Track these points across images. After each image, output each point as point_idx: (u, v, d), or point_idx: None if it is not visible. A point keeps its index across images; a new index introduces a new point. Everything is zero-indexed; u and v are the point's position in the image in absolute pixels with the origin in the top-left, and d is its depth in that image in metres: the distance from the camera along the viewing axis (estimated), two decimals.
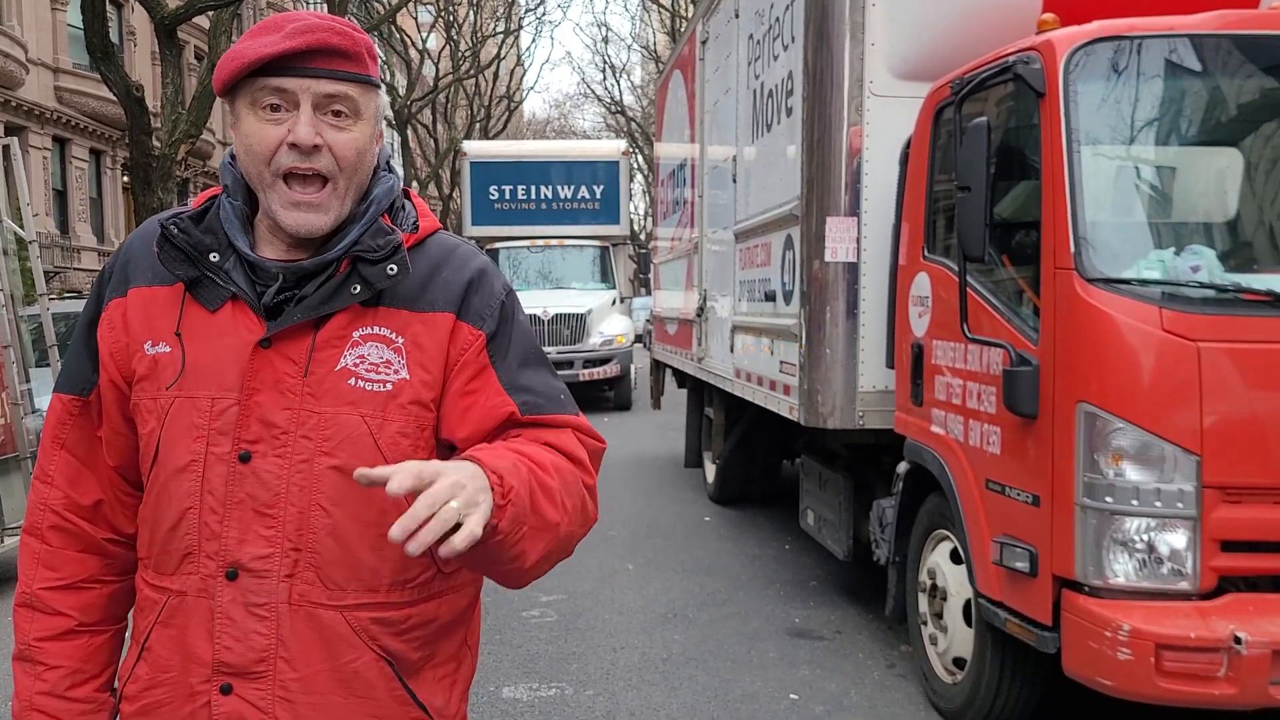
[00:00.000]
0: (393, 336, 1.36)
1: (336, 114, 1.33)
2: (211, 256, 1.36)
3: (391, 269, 1.35)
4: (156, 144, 13.05)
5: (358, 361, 1.35)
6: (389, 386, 1.35)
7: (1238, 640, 2.84)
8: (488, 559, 1.26)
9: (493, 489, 1.20)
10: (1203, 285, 3.11)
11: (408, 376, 1.36)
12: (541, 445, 1.37)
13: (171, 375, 1.35)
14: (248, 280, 1.36)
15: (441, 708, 1.43)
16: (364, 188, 1.39)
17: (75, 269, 21.96)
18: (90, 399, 1.43)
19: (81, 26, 12.30)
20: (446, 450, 1.40)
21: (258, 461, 1.32)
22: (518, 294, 1.50)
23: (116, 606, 1.48)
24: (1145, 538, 3.03)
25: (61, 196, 23.33)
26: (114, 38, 16.46)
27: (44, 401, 6.71)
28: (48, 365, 6.83)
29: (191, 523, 1.34)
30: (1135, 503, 3.03)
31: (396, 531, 1.10)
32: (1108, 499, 3.05)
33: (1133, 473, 3.04)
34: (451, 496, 1.12)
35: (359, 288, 1.35)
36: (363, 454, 1.33)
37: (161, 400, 1.35)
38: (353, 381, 1.34)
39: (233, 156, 1.41)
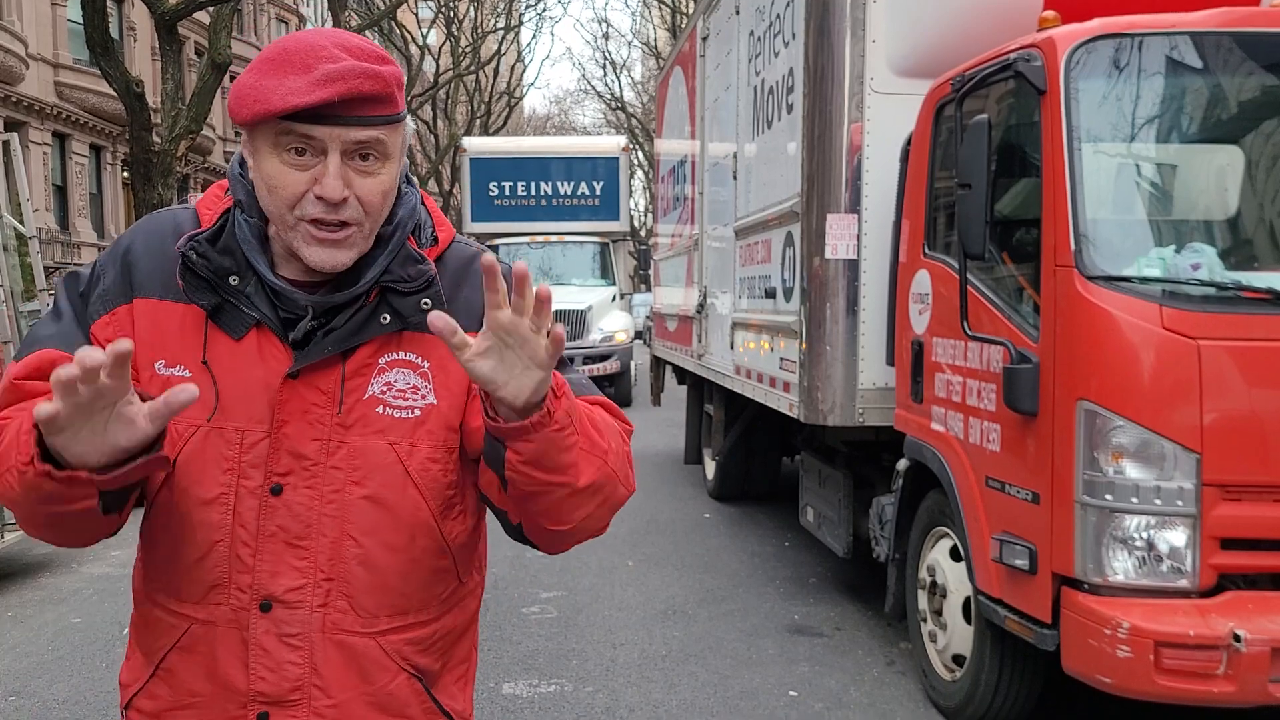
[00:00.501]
0: (419, 361, 1.35)
1: (364, 157, 1.28)
2: (231, 280, 1.32)
3: (426, 303, 1.32)
4: (157, 140, 13.04)
5: (385, 389, 1.33)
6: (417, 413, 1.34)
7: (1237, 638, 2.85)
8: (547, 462, 1.23)
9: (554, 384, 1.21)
10: (1203, 283, 3.11)
11: (435, 401, 1.35)
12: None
13: (203, 406, 1.29)
14: (270, 305, 1.32)
15: (460, 709, 1.45)
16: (384, 219, 1.34)
17: (75, 264, 21.95)
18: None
19: (81, 22, 12.29)
20: (472, 464, 1.39)
21: (289, 494, 1.31)
22: None
23: None
24: (1145, 535, 3.03)
25: (61, 192, 23.32)
26: (114, 33, 16.44)
27: None
28: None
29: (221, 555, 1.32)
30: (1135, 500, 3.03)
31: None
32: (1107, 496, 3.05)
33: (1133, 470, 3.04)
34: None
35: (389, 318, 1.32)
36: (392, 482, 1.33)
37: (179, 426, 1.30)
38: (381, 409, 1.33)
39: (241, 165, 1.36)
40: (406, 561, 1.35)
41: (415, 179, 1.45)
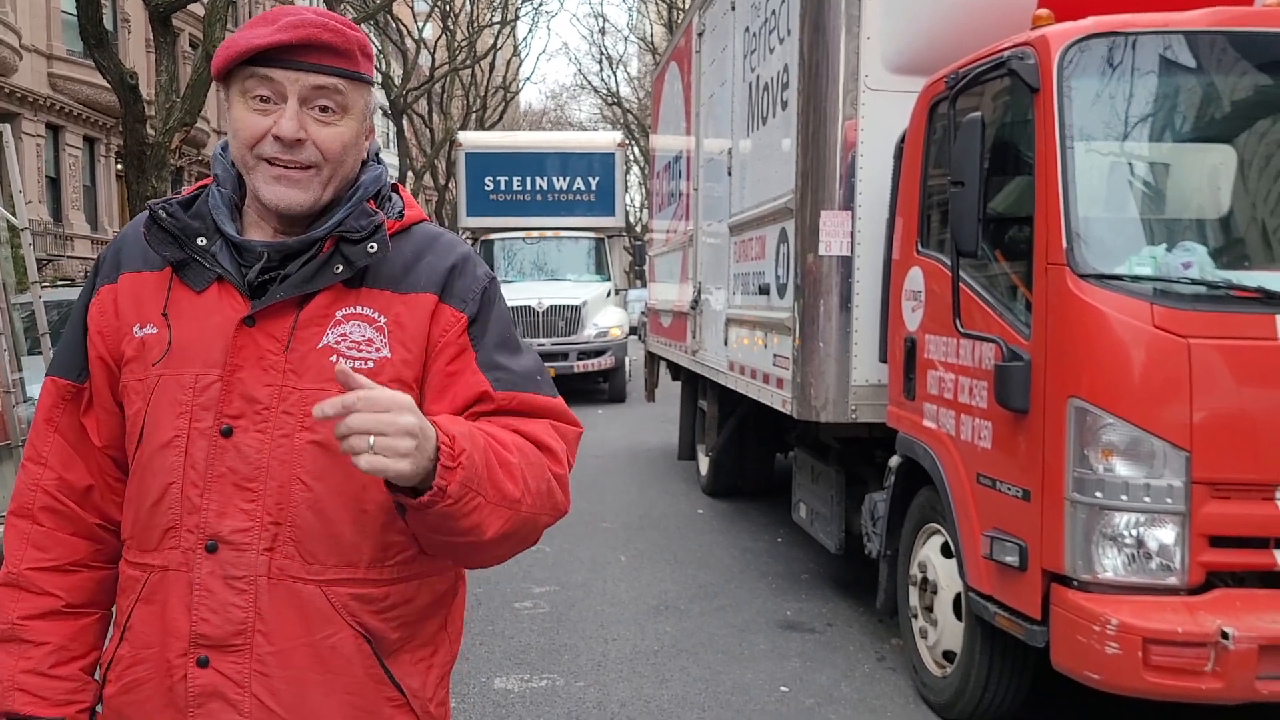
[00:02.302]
0: (375, 316, 1.39)
1: (324, 109, 1.36)
2: (199, 240, 1.39)
3: (372, 247, 1.39)
4: (150, 132, 12.99)
5: (340, 339, 1.38)
6: (370, 364, 1.37)
7: (1224, 635, 2.86)
8: (446, 528, 1.27)
9: (440, 448, 1.21)
10: (1194, 282, 3.12)
11: (389, 355, 1.39)
12: (509, 430, 1.38)
13: (158, 353, 1.38)
14: (234, 263, 1.39)
15: (418, 690, 1.44)
16: (349, 179, 1.43)
17: (68, 257, 21.87)
18: (84, 385, 1.45)
19: (75, 13, 12.24)
20: None
21: (239, 436, 1.35)
22: (513, 285, 1.55)
23: (103, 593, 1.48)
24: (1134, 533, 3.04)
25: (55, 184, 23.22)
26: (108, 25, 16.38)
27: (36, 390, 6.69)
28: (39, 354, 6.80)
29: (174, 497, 1.36)
30: (1124, 498, 3.04)
31: (316, 410, 1.17)
32: (1097, 494, 3.07)
33: (1122, 468, 3.05)
34: (374, 431, 1.15)
35: (341, 267, 1.38)
36: None
37: (148, 379, 1.38)
38: (335, 359, 1.36)
39: (223, 148, 1.45)
40: (357, 512, 1.37)
41: (383, 161, 1.54)
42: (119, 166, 22.52)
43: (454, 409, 1.39)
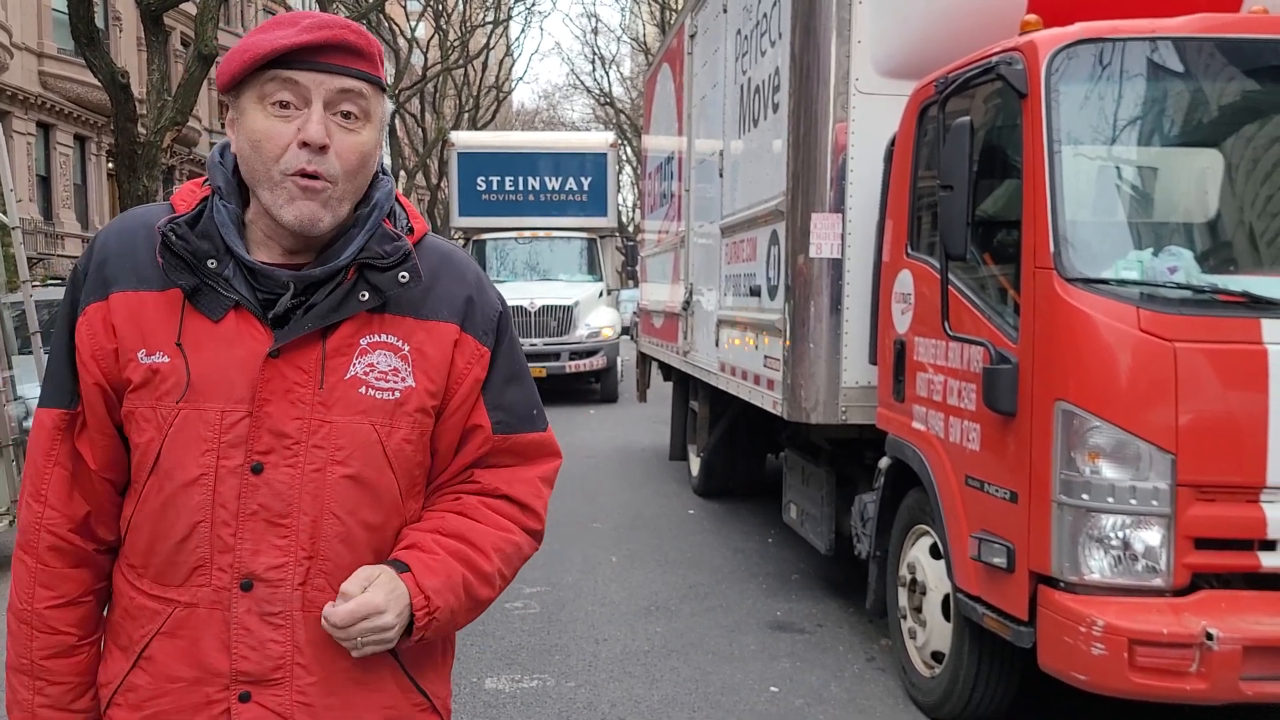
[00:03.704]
0: (399, 344, 1.38)
1: (346, 115, 1.32)
2: (209, 263, 1.33)
3: (403, 276, 1.36)
4: (142, 131, 12.95)
5: (367, 370, 1.36)
6: (397, 394, 1.37)
7: (1209, 636, 2.89)
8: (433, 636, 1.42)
9: (416, 612, 1.35)
10: (1180, 286, 3.15)
11: (414, 384, 1.38)
12: (494, 505, 1.46)
13: (176, 387, 1.32)
14: (249, 287, 1.34)
15: (437, 691, 1.49)
16: (362, 193, 1.38)
17: (59, 256, 21.81)
18: (78, 411, 1.39)
19: (67, 11, 12.19)
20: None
21: (270, 472, 1.32)
22: (505, 285, 1.57)
23: (101, 611, 1.48)
24: (1120, 534, 3.07)
25: (46, 183, 23.14)
26: (99, 23, 16.31)
27: (26, 389, 6.67)
28: (30, 352, 6.79)
29: (203, 536, 1.33)
30: (1111, 500, 3.07)
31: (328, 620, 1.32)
32: (1084, 496, 3.09)
33: (1109, 470, 3.08)
34: (364, 634, 1.31)
35: (368, 295, 1.35)
36: (373, 461, 1.36)
37: (162, 411, 1.33)
38: (363, 390, 1.35)
39: (220, 154, 1.40)
40: (381, 540, 1.39)
41: (390, 173, 1.51)
42: (110, 165, 22.42)
43: (453, 444, 1.46)
